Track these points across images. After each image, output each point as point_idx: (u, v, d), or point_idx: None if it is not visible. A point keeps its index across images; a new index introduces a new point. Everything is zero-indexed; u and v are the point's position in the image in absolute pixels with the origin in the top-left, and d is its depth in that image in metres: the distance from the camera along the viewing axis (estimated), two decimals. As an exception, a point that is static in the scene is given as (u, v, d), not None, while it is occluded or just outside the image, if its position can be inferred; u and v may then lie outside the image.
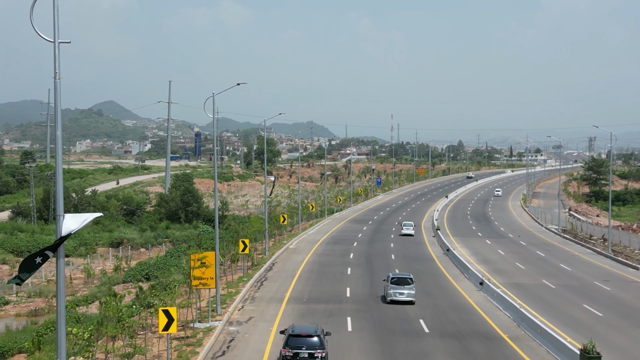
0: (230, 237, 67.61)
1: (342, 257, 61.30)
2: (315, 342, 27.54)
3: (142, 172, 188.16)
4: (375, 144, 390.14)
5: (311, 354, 27.15)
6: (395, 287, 41.87)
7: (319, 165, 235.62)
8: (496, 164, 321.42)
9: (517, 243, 76.57)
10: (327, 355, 28.03)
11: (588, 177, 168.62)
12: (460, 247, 69.83)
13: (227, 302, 39.87)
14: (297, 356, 27.15)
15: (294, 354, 27.17)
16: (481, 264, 58.60)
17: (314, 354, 27.16)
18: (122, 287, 65.44)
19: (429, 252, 66.64)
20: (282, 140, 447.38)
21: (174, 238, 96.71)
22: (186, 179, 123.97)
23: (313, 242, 72.31)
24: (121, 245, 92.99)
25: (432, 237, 79.52)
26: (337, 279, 49.73)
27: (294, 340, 27.56)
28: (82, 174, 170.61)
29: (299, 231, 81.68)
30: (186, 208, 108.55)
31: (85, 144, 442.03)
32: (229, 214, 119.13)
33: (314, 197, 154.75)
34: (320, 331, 28.61)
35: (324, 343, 27.86)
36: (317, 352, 27.23)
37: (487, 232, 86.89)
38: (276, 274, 51.79)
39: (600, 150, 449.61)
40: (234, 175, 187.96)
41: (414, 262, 59.70)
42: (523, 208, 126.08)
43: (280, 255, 61.88)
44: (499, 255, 65.35)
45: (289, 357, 27.18)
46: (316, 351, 27.25)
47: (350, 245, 70.06)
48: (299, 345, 27.34)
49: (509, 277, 52.32)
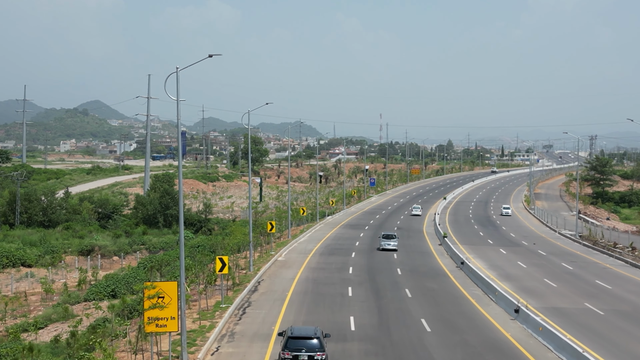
0: (209, 247, 58.75)
1: (340, 273, 52.25)
2: (314, 345, 26.99)
3: (122, 172, 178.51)
4: (364, 144, 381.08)
5: (311, 356, 26.62)
6: (385, 240, 66.22)
7: (308, 165, 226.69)
8: (490, 163, 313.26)
9: (535, 252, 67.82)
10: (327, 358, 27.34)
11: (592, 177, 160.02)
12: (473, 258, 60.96)
13: (198, 343, 30.62)
14: (296, 359, 26.58)
15: (293, 357, 26.59)
16: (504, 281, 49.73)
17: (313, 356, 26.62)
18: (83, 306, 56.34)
19: (439, 265, 57.68)
20: (269, 139, 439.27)
21: (151, 245, 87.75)
22: (166, 179, 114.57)
23: (305, 253, 63.14)
24: (92, 253, 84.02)
25: (439, 246, 70.65)
26: (337, 304, 40.62)
27: (293, 343, 26.99)
28: (58, 175, 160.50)
29: (289, 239, 72.59)
30: (165, 211, 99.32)
31: (69, 143, 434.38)
32: (213, 217, 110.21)
33: (303, 198, 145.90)
34: (320, 333, 28.00)
35: (323, 345, 27.23)
36: (317, 355, 26.67)
37: (497, 239, 78.19)
38: (262, 297, 42.62)
39: (589, 150, 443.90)
40: (219, 176, 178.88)
41: (425, 278, 50.74)
42: (528, 211, 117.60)
43: (267, 271, 52.64)
44: (521, 269, 56.48)
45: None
46: (316, 353, 26.68)
47: (348, 257, 61.03)
48: (299, 348, 26.81)
49: (543, 300, 43.37)
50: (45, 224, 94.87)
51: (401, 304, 41.02)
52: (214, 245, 49.85)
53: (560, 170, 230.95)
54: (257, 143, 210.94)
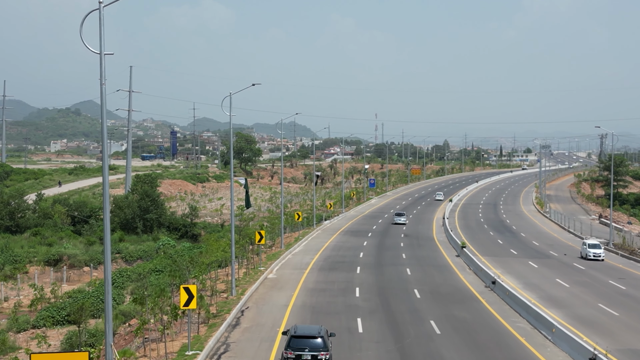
0: (188, 257, 48.46)
1: (345, 296, 42.09)
2: (318, 344, 26.24)
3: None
4: (360, 144, 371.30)
5: (314, 356, 25.89)
6: (397, 216, 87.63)
7: (303, 165, 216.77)
8: (491, 164, 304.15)
9: (571, 266, 57.79)
10: (331, 358, 26.55)
11: (605, 177, 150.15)
12: (500, 273, 50.84)
13: None
14: (299, 358, 25.88)
15: (297, 356, 25.89)
16: (551, 307, 39.66)
17: (317, 356, 25.91)
18: (30, 334, 46.27)
19: (463, 284, 47.56)
20: (263, 139, 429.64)
21: (127, 253, 77.70)
22: (148, 180, 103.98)
23: (301, 268, 52.90)
24: (60, 263, 74.07)
25: (456, 258, 60.59)
26: (344, 346, 30.32)
27: (296, 342, 26.23)
28: (38, 175, 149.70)
29: (282, 249, 62.41)
30: (144, 216, 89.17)
31: (60, 143, 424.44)
32: (200, 221, 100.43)
33: (298, 200, 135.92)
34: (324, 332, 27.27)
35: (327, 344, 26.51)
36: (320, 354, 25.97)
37: (521, 249, 68.18)
38: (245, 335, 32.37)
39: (587, 150, 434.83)
40: (209, 176, 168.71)
41: (451, 303, 40.60)
42: (544, 214, 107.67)
43: (254, 294, 42.31)
44: (565, 290, 46.36)
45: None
46: (320, 353, 25.98)
47: (352, 273, 50.89)
48: (302, 347, 26.02)
49: (613, 337, 33.21)
50: (12, 229, 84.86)
51: (429, 345, 30.93)
52: (177, 270, 39.30)
53: (566, 170, 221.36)
54: (250, 142, 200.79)
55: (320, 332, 26.82)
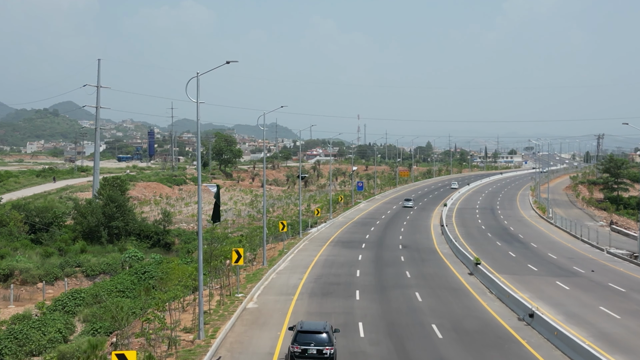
0: (139, 289, 39.03)
1: (346, 337, 32.19)
2: (323, 339, 26.78)
3: (77, 174, 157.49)
4: (342, 145, 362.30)
5: (319, 350, 26.43)
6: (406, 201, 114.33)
7: (285, 167, 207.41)
8: (478, 165, 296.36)
9: (608, 287, 48.71)
10: (336, 352, 27.21)
11: (605, 180, 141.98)
12: (529, 298, 41.78)
13: None
14: (305, 352, 26.41)
15: (302, 350, 26.46)
16: (612, 351, 30.65)
17: (322, 350, 26.44)
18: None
19: (490, 316, 38.24)
20: (244, 140, 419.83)
21: (89, 267, 68.06)
22: (117, 183, 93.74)
23: (287, 293, 43.36)
24: (11, 279, 64.74)
25: (469, 276, 51.46)
26: None
27: (302, 337, 26.94)
28: (2, 177, 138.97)
29: (264, 266, 52.97)
30: (109, 223, 79.46)
31: (36, 144, 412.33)
32: (174, 228, 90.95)
33: (281, 204, 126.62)
34: (329, 328, 27.88)
35: (332, 340, 27.06)
36: (325, 349, 26.50)
37: (539, 264, 59.15)
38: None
39: (570, 152, 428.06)
40: (187, 178, 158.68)
41: (484, 348, 31.29)
42: (548, 220, 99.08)
43: (229, 335, 32.66)
44: (617, 323, 37.16)
45: (298, 353, 26.56)
46: (325, 347, 26.51)
47: (351, 300, 41.51)
48: (308, 342, 26.62)
49: None
50: (-40, 239, 75.10)
51: None
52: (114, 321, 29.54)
53: (557, 172, 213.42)
54: (230, 143, 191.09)
55: (326, 328, 27.67)
